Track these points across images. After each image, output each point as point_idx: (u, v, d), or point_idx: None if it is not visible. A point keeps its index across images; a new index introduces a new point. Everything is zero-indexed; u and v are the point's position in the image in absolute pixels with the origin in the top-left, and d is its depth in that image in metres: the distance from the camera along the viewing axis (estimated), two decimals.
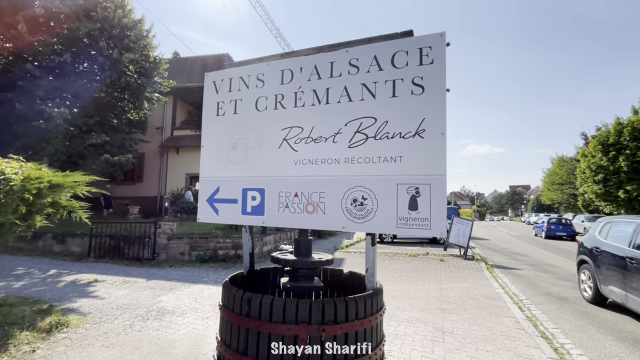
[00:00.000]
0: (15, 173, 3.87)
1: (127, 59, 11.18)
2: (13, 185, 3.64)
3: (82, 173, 4.57)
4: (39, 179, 3.97)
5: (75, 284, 6.18)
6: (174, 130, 18.38)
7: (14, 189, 3.64)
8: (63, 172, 4.41)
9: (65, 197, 4.33)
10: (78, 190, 4.43)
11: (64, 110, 9.90)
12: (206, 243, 8.99)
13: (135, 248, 8.64)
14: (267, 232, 10.29)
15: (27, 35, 9.35)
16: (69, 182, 4.32)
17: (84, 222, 4.71)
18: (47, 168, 4.34)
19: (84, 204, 4.62)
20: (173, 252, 8.73)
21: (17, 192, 3.67)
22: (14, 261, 8.15)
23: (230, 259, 8.88)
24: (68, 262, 8.25)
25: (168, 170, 18.02)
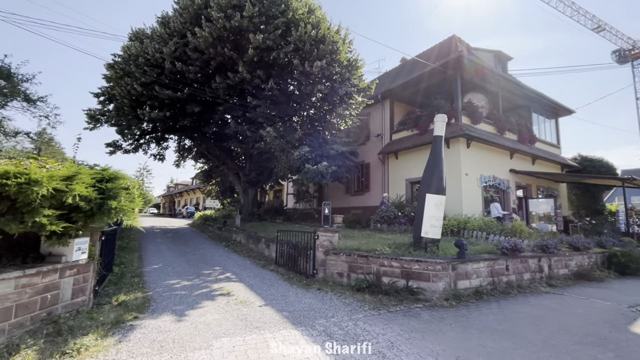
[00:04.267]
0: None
1: (317, 67, 11.25)
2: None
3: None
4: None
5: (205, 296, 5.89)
6: (392, 134, 17.23)
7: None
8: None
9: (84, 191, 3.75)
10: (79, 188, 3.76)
11: (270, 129, 11.28)
12: (367, 264, 6.54)
13: (301, 260, 7.76)
14: (465, 257, 6.22)
15: (246, 74, 11.57)
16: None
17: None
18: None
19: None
20: (331, 271, 7.01)
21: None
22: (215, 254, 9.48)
23: (397, 293, 5.88)
24: (254, 265, 8.63)
25: (389, 177, 16.95)
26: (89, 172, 3.84)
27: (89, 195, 3.78)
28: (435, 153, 7.04)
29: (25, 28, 33.80)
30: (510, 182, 14.80)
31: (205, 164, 20.57)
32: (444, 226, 10.36)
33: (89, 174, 3.84)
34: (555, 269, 8.02)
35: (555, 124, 19.12)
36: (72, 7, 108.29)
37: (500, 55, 17.71)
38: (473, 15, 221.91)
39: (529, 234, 9.48)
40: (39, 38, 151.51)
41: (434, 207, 6.73)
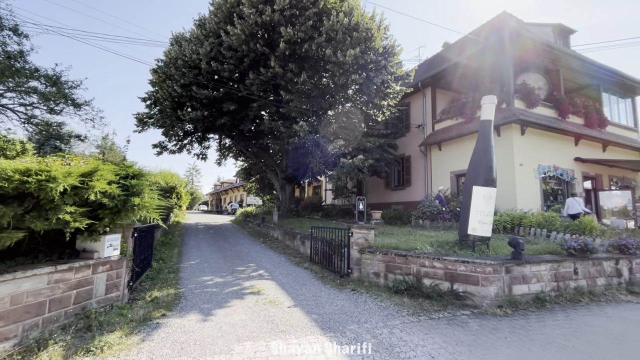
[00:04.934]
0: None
1: (350, 56, 10.72)
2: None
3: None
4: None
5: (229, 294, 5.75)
6: (434, 124, 16.08)
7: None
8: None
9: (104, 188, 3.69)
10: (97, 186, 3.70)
11: (303, 124, 10.99)
12: (406, 264, 5.96)
13: (336, 258, 7.38)
14: (521, 258, 5.36)
15: (278, 68, 11.39)
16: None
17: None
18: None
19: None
20: (367, 271, 6.53)
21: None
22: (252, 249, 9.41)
23: (440, 297, 5.26)
24: (288, 262, 8.41)
25: (432, 170, 15.87)
26: (111, 168, 3.81)
27: (111, 192, 3.74)
28: (484, 140, 6.21)
29: (87, 42, 37.36)
30: (576, 172, 13.02)
31: (245, 162, 21.04)
32: (495, 222, 9.33)
33: (111, 170, 3.80)
34: (638, 273, 6.73)
35: (631, 103, 16.51)
36: (123, 17, 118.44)
37: (561, 28, 15.64)
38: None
39: (602, 232, 8.13)
40: (95, 49, 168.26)
41: (483, 201, 5.94)
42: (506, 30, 12.56)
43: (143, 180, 4.24)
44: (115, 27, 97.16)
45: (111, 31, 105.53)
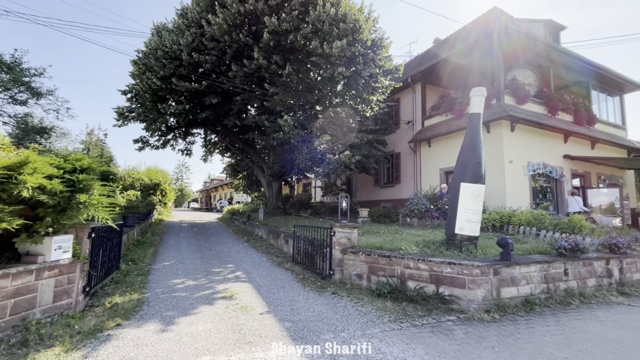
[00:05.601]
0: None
1: (337, 48, 10.30)
2: None
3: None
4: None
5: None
6: (424, 120, 15.80)
7: None
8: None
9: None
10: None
11: (287, 118, 10.56)
12: (389, 265, 5.62)
13: (318, 259, 7.01)
14: (510, 259, 5.06)
15: (262, 60, 10.91)
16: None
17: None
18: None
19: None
20: (349, 272, 6.16)
21: None
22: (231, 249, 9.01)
23: (425, 301, 4.93)
24: (269, 263, 8.00)
25: (422, 168, 15.61)
26: (50, 160, 3.33)
27: (52, 187, 3.27)
28: (472, 134, 5.88)
29: (65, 32, 36.07)
30: (565, 170, 12.89)
31: (232, 158, 20.48)
32: (484, 221, 9.08)
33: (50, 162, 3.32)
34: (629, 273, 6.53)
35: (619, 101, 16.51)
36: (104, 6, 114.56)
37: (552, 24, 15.48)
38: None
39: (591, 230, 7.94)
40: (71, 38, 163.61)
41: (471, 199, 5.63)
42: (496, 25, 12.28)
43: (93, 174, 3.77)
44: (95, 17, 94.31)
45: (91, 20, 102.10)
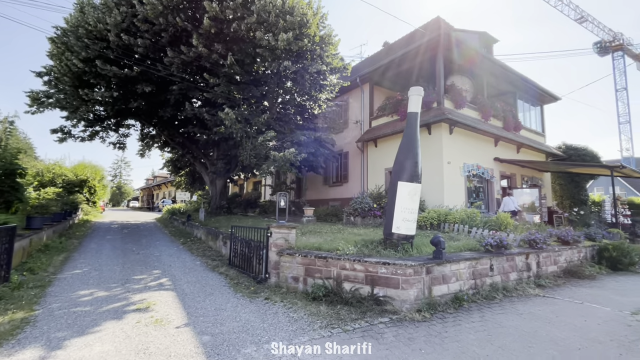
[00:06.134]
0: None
1: (283, 41, 9.91)
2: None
3: None
4: None
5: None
6: (371, 120, 16.09)
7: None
8: None
9: None
10: None
11: (229, 111, 9.93)
12: (326, 267, 5.40)
13: (254, 261, 6.58)
14: (442, 257, 5.14)
15: (202, 48, 10.12)
16: None
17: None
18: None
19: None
20: (285, 275, 5.84)
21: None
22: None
23: (359, 304, 4.78)
24: (203, 267, 7.38)
25: (368, 167, 15.87)
26: None
27: None
28: (410, 133, 5.91)
29: None
30: (495, 172, 13.97)
31: (172, 154, 18.97)
32: (423, 219, 9.37)
33: None
34: (544, 266, 7.12)
35: (540, 111, 18.42)
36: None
37: (486, 37, 16.71)
38: (460, 6, 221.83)
39: (515, 227, 8.58)
40: None
41: (408, 198, 5.63)
42: (438, 33, 12.86)
43: None
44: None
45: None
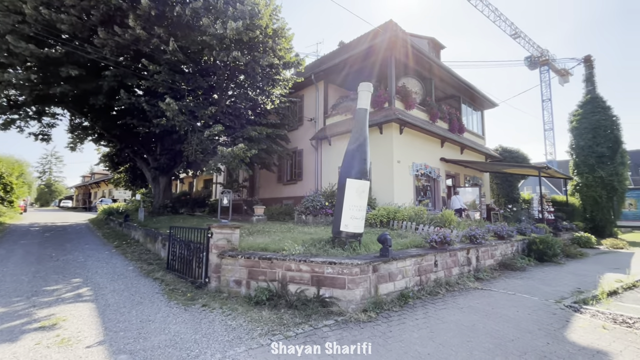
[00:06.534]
0: None
1: (232, 30, 9.33)
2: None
3: None
4: None
5: None
6: (325, 118, 16.03)
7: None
8: None
9: None
10: None
11: (171, 101, 9.13)
12: (271, 268, 5.09)
13: (195, 264, 6.04)
14: (389, 255, 5.11)
15: (140, 30, 9.17)
16: None
17: None
18: None
19: None
20: (227, 278, 5.41)
21: None
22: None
23: (304, 306, 4.53)
24: (136, 272, 6.62)
25: (322, 165, 15.79)
26: None
27: None
28: (358, 130, 5.82)
29: None
30: (441, 171, 14.69)
31: (109, 148, 17.13)
32: (374, 217, 9.45)
33: None
34: (483, 260, 7.52)
35: (481, 115, 19.83)
36: None
37: (434, 42, 17.56)
38: (411, 12, 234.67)
39: (458, 224, 9.00)
40: None
41: (356, 195, 5.53)
42: (391, 35, 13.14)
43: None
44: None
45: None
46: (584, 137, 16.18)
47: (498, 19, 35.22)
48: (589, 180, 15.86)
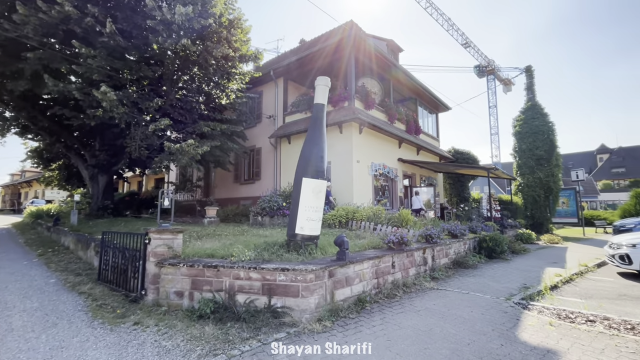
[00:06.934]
0: None
1: (181, 15, 8.54)
2: None
3: None
4: None
5: None
6: (285, 116, 15.59)
7: None
8: None
9: None
10: None
11: (107, 89, 8.12)
12: (217, 277, 4.58)
13: (130, 274, 5.31)
14: (346, 258, 4.86)
15: (70, 7, 8.01)
16: None
17: None
18: None
19: None
20: (167, 290, 4.79)
21: None
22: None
23: (253, 318, 4.11)
24: (58, 286, 5.68)
25: (282, 164, 15.32)
26: None
27: None
28: (315, 126, 5.50)
29: None
30: (398, 171, 14.95)
31: (38, 142, 15.08)
32: (332, 218, 9.22)
33: None
34: (438, 259, 7.61)
35: (436, 118, 20.64)
36: None
37: (393, 45, 17.90)
38: (371, 15, 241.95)
39: (414, 223, 9.09)
40: None
41: (312, 195, 5.20)
42: (352, 35, 13.04)
43: None
44: None
45: None
46: (525, 141, 17.48)
47: (451, 28, 37.12)
48: (530, 180, 17.17)
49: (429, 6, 34.15)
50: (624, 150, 53.24)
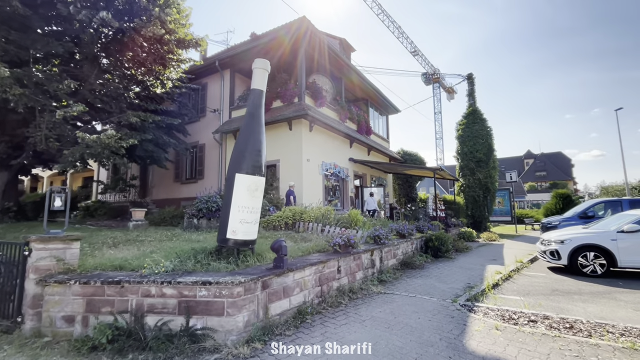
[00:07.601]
0: None
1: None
2: None
3: None
4: None
5: None
6: (231, 111, 14.55)
7: None
8: None
9: None
10: None
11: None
12: (121, 295, 3.67)
13: (3, 295, 4.15)
14: (284, 265, 4.26)
15: None
16: None
17: None
18: None
19: None
20: (52, 315, 3.76)
21: None
22: None
23: (167, 344, 3.30)
24: None
25: (227, 162, 14.23)
26: None
27: None
28: (253, 115, 4.81)
29: None
30: (349, 171, 14.75)
31: None
32: (278, 219, 8.56)
33: None
34: (386, 260, 7.35)
35: (386, 120, 21.01)
36: None
37: (346, 43, 17.75)
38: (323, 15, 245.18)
39: (364, 224, 8.80)
40: None
41: (247, 194, 4.50)
42: (303, 30, 12.52)
43: None
44: None
45: None
46: (467, 144, 18.46)
47: (401, 36, 38.60)
48: (471, 181, 18.16)
49: (381, 12, 35.09)
50: (545, 156, 60.26)
